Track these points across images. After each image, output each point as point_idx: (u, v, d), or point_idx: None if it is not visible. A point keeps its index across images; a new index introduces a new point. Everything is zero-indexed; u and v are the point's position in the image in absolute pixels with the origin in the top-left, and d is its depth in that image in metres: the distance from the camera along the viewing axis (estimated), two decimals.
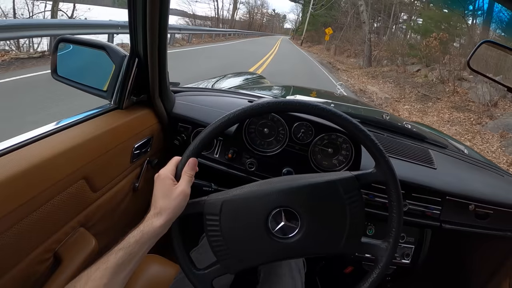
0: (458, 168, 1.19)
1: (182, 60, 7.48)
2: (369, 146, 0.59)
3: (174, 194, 0.57)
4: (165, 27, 0.77)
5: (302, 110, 0.60)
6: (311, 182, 0.57)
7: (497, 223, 1.14)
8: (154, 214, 0.56)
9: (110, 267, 0.50)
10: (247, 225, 0.56)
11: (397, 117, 1.74)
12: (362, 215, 0.56)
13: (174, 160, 0.62)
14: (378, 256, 0.58)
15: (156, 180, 0.59)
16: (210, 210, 0.57)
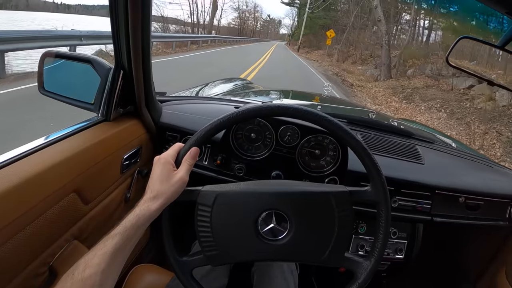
0: (446, 161, 1.21)
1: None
2: (368, 164, 0.59)
3: (173, 180, 0.57)
4: (148, 38, 0.78)
5: (303, 117, 0.61)
6: (306, 190, 0.58)
7: (488, 214, 1.16)
8: (150, 198, 0.56)
9: (107, 253, 0.50)
10: (237, 222, 0.57)
11: (383, 115, 1.76)
12: (350, 230, 0.58)
13: (176, 146, 0.62)
14: (358, 273, 0.58)
15: (156, 163, 0.59)
16: (204, 200, 0.58)
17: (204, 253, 0.58)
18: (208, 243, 0.58)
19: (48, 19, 11.23)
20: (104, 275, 0.49)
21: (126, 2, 0.69)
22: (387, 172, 0.99)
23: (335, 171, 0.99)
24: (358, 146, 0.60)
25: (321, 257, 0.57)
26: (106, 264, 0.50)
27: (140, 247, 1.14)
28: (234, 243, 0.58)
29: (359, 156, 0.61)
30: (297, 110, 0.60)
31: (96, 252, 0.51)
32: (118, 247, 0.52)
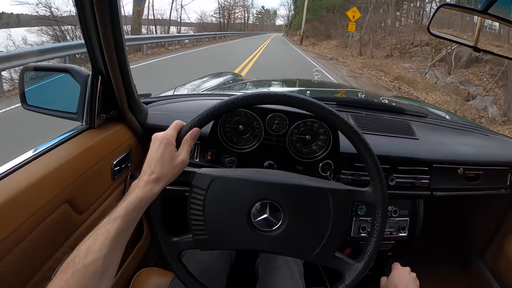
0: (441, 134, 1.20)
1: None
2: (371, 166, 0.57)
3: (175, 162, 0.56)
4: (120, 40, 0.76)
5: (290, 103, 0.59)
6: (303, 183, 0.57)
7: (488, 183, 1.15)
8: (153, 180, 0.55)
9: (109, 237, 0.50)
10: (230, 208, 0.56)
11: (373, 93, 1.75)
12: (343, 230, 0.56)
13: (177, 125, 0.60)
14: (346, 275, 0.57)
15: (156, 142, 0.57)
16: (199, 183, 0.57)
17: (194, 236, 0.58)
18: (199, 227, 0.57)
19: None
20: (106, 259, 0.48)
21: (92, 6, 0.68)
22: (381, 151, 0.99)
23: (328, 155, 0.98)
24: (362, 143, 0.58)
25: (311, 253, 0.56)
26: (109, 249, 0.49)
27: (143, 251, 1.13)
28: (225, 230, 0.57)
29: (363, 159, 0.58)
30: (282, 97, 0.58)
31: (97, 237, 0.49)
32: (120, 230, 0.51)
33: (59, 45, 7.30)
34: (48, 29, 10.64)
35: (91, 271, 0.47)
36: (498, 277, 1.30)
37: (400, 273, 0.72)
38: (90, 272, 0.46)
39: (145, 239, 1.12)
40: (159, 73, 7.44)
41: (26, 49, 7.15)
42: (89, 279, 0.46)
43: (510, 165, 1.16)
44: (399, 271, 0.73)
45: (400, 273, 0.72)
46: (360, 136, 0.57)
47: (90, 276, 0.46)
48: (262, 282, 0.83)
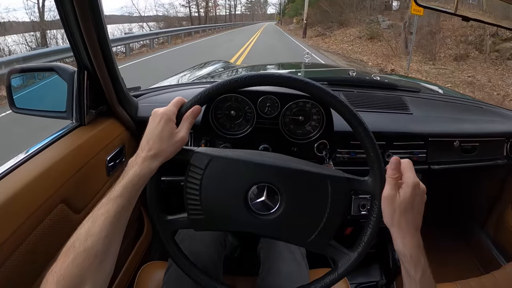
0: (434, 108, 1.19)
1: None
2: (372, 156, 0.56)
3: (174, 139, 0.55)
4: (103, 32, 0.75)
5: (281, 83, 0.57)
6: (302, 168, 0.56)
7: (485, 154, 1.15)
8: (151, 156, 0.54)
9: (109, 217, 0.48)
10: (227, 189, 0.56)
11: (364, 72, 1.74)
12: (340, 218, 0.55)
13: (178, 101, 0.58)
14: (339, 263, 0.56)
15: (156, 117, 0.56)
16: (197, 161, 0.56)
17: (189, 216, 0.57)
18: (195, 207, 0.56)
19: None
20: (107, 241, 0.47)
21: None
22: (376, 127, 0.98)
23: (322, 135, 0.98)
24: (361, 127, 0.56)
25: (306, 240, 0.56)
26: (109, 229, 0.48)
27: (146, 246, 1.14)
28: (221, 211, 0.56)
29: (364, 148, 0.57)
30: (273, 77, 0.57)
31: (97, 218, 0.48)
32: (120, 209, 0.50)
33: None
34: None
35: (92, 254, 0.46)
36: (499, 247, 1.32)
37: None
38: (91, 255, 0.46)
39: (146, 234, 1.12)
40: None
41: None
42: (90, 262, 0.45)
43: (505, 136, 1.16)
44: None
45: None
46: (364, 124, 0.55)
47: (92, 259, 0.45)
48: (265, 266, 0.83)
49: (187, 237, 0.82)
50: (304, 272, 0.82)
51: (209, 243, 0.83)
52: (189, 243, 0.81)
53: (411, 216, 0.50)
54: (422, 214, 0.52)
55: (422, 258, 0.50)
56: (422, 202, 0.51)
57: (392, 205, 0.51)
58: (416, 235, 0.50)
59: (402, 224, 0.51)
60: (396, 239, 0.51)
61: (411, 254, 0.50)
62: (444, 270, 1.32)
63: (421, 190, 0.52)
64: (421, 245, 0.51)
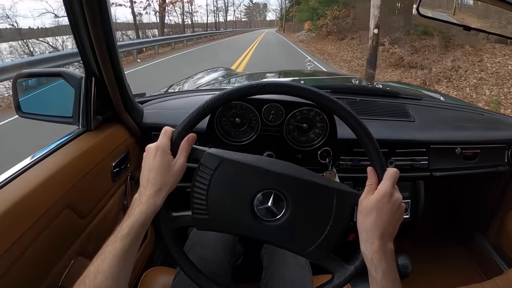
0: (436, 116, 1.21)
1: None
2: (374, 161, 0.56)
3: (173, 170, 0.56)
4: (112, 40, 0.76)
5: (292, 92, 0.58)
6: (311, 179, 0.56)
7: (486, 161, 1.16)
8: (155, 192, 0.54)
9: (117, 255, 0.49)
10: (235, 192, 0.56)
11: (366, 79, 1.75)
12: (342, 232, 0.56)
13: (167, 132, 0.58)
14: (335, 276, 0.57)
15: (150, 153, 0.56)
16: (207, 162, 0.56)
17: (193, 214, 0.57)
18: (200, 206, 0.56)
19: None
20: (116, 278, 0.48)
21: (81, 6, 0.68)
22: (378, 135, 0.98)
23: (326, 142, 0.98)
24: (364, 132, 0.56)
25: (306, 249, 0.56)
26: (117, 268, 0.49)
27: (149, 251, 1.14)
28: (226, 213, 0.57)
29: (367, 152, 0.57)
30: (280, 86, 0.58)
31: (105, 256, 0.49)
32: (128, 248, 0.51)
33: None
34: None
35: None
36: (501, 253, 1.32)
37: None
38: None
39: (149, 239, 1.12)
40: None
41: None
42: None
43: (506, 142, 1.17)
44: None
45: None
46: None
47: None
48: (268, 271, 0.83)
49: (198, 243, 0.82)
50: (307, 278, 0.82)
51: (220, 250, 0.83)
52: (201, 249, 0.81)
53: (377, 221, 0.52)
54: (394, 225, 0.53)
55: (384, 263, 0.51)
56: (392, 212, 0.52)
57: (360, 208, 0.54)
58: (380, 241, 0.51)
59: (367, 227, 0.52)
60: (361, 239, 0.54)
61: (371, 257, 0.51)
62: (445, 276, 1.33)
63: (393, 200, 0.53)
64: (387, 251, 0.52)
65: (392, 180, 0.53)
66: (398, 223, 0.54)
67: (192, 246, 0.83)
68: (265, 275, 0.83)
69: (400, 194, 0.54)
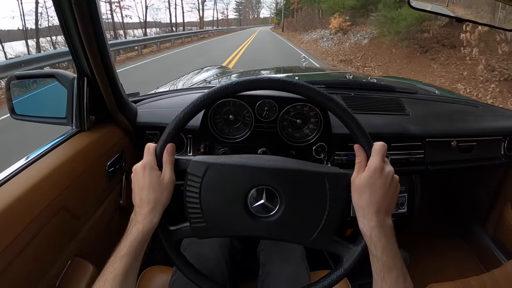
0: (431, 109, 1.20)
1: None
2: (361, 142, 0.56)
3: (163, 185, 0.56)
4: (103, 40, 0.76)
5: (277, 87, 0.58)
6: (299, 168, 0.57)
7: (483, 153, 1.16)
8: (150, 210, 0.55)
9: (118, 275, 0.50)
10: (227, 195, 0.56)
11: (360, 74, 1.75)
12: (340, 214, 0.56)
13: (150, 149, 0.59)
14: (344, 258, 0.57)
15: (138, 173, 0.57)
16: (194, 170, 0.56)
17: (191, 224, 0.57)
18: (196, 215, 0.57)
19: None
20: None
21: (71, 6, 0.67)
22: (373, 129, 0.99)
23: (320, 138, 0.98)
24: (352, 122, 0.56)
25: (309, 238, 0.56)
26: (119, 287, 0.50)
27: (147, 250, 1.14)
28: (222, 217, 0.57)
29: (355, 138, 0.57)
30: (271, 81, 0.58)
31: (107, 277, 0.50)
32: (128, 267, 0.52)
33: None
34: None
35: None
36: (500, 245, 1.32)
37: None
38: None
39: None
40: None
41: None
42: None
43: (502, 135, 1.17)
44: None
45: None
46: (349, 112, 0.56)
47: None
48: (265, 268, 0.83)
49: (195, 241, 0.82)
50: (304, 273, 0.82)
51: (216, 248, 0.83)
52: (197, 247, 0.81)
53: (372, 198, 0.52)
54: (390, 199, 0.53)
55: (383, 238, 0.51)
56: (385, 186, 0.52)
57: (353, 187, 0.54)
58: (377, 217, 0.52)
59: (363, 204, 0.53)
60: (358, 218, 0.54)
61: (370, 234, 0.52)
62: (444, 269, 1.33)
63: (385, 174, 0.53)
64: (386, 227, 0.52)
65: (381, 154, 0.53)
66: (394, 197, 0.54)
67: (189, 244, 0.83)
68: (262, 272, 0.83)
69: (391, 167, 0.54)
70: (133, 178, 0.58)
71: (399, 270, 0.51)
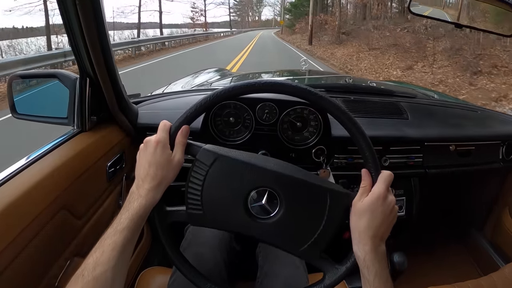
0: (430, 113, 1.21)
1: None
2: (368, 158, 0.56)
3: (172, 164, 0.56)
4: (106, 41, 0.76)
5: (283, 91, 0.58)
6: (305, 179, 0.56)
7: (481, 157, 1.17)
8: (154, 186, 0.55)
9: (116, 248, 0.50)
10: (229, 189, 0.56)
11: (360, 78, 1.76)
12: (334, 232, 0.56)
13: (165, 126, 0.58)
14: (327, 276, 0.57)
15: (151, 147, 0.56)
16: (203, 158, 0.57)
17: (188, 209, 0.57)
18: (194, 201, 0.57)
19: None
20: (115, 270, 0.49)
21: (75, 7, 0.68)
22: (372, 132, 1.00)
23: (320, 141, 0.99)
24: (357, 130, 0.56)
25: (298, 248, 0.56)
26: (116, 260, 0.49)
27: (145, 251, 1.14)
28: (220, 210, 0.57)
29: (362, 153, 0.57)
30: (275, 84, 0.58)
31: (104, 248, 0.50)
32: (127, 241, 0.51)
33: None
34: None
35: (101, 282, 0.47)
36: (497, 249, 1.33)
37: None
38: (100, 283, 0.47)
39: (146, 239, 1.12)
40: None
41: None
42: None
43: (500, 139, 1.18)
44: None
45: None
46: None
47: (101, 287, 0.47)
48: (263, 269, 0.83)
49: (194, 242, 0.83)
50: (302, 276, 0.82)
51: (216, 249, 0.83)
52: (196, 248, 0.81)
53: (370, 223, 0.52)
54: (387, 226, 0.54)
55: (377, 264, 0.51)
56: (385, 214, 0.53)
57: (354, 209, 0.54)
58: (372, 242, 0.52)
59: (360, 228, 0.53)
60: (353, 241, 0.54)
61: (364, 258, 0.52)
62: (442, 272, 1.33)
63: (387, 202, 0.53)
64: (379, 252, 0.52)
65: (386, 183, 0.54)
66: (391, 225, 0.55)
67: (188, 245, 0.83)
68: (260, 274, 0.83)
69: (394, 197, 0.55)
70: (142, 149, 0.58)
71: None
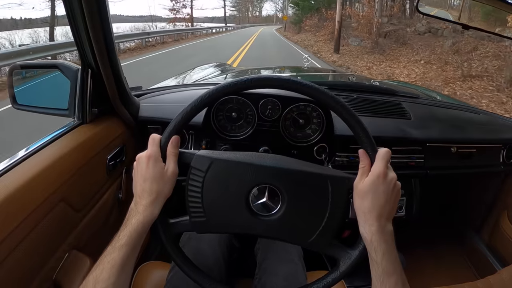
0: (433, 114, 1.21)
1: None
2: (367, 148, 0.55)
3: (166, 177, 0.56)
4: (109, 32, 0.75)
5: (285, 86, 0.57)
6: (303, 169, 0.56)
7: (482, 160, 1.17)
8: (151, 202, 0.54)
9: (115, 265, 0.50)
10: (229, 191, 0.56)
11: (363, 77, 1.76)
12: (340, 217, 0.56)
13: (155, 140, 0.58)
14: (341, 262, 0.57)
15: (143, 162, 0.56)
16: (198, 164, 0.56)
17: (191, 218, 0.57)
18: (196, 209, 0.56)
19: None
20: (115, 286, 0.49)
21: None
22: (374, 131, 0.99)
23: (322, 138, 0.99)
24: (355, 123, 0.56)
25: (307, 239, 0.56)
26: (116, 277, 0.49)
27: (144, 246, 1.13)
28: (223, 213, 0.57)
29: (359, 141, 0.56)
30: (275, 80, 0.57)
31: (104, 266, 0.50)
32: (126, 258, 0.51)
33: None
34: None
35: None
36: (495, 253, 1.33)
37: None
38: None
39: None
40: None
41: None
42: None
43: (502, 142, 1.18)
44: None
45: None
46: (356, 117, 0.56)
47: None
48: (262, 266, 0.83)
49: (194, 237, 0.82)
50: (301, 273, 0.82)
51: (215, 245, 0.83)
52: (196, 243, 0.81)
53: (374, 203, 0.52)
54: (391, 204, 0.53)
55: (384, 244, 0.51)
56: (387, 192, 0.52)
57: (356, 191, 0.54)
58: (378, 222, 0.52)
59: (365, 209, 0.53)
60: (359, 222, 0.54)
61: (371, 239, 0.52)
62: (439, 274, 1.34)
63: (388, 180, 0.53)
64: (386, 232, 0.52)
65: (385, 160, 0.53)
66: (395, 203, 0.54)
67: (187, 240, 0.83)
68: (259, 271, 0.83)
69: (394, 173, 0.54)
70: (135, 167, 0.57)
71: (398, 276, 0.51)
